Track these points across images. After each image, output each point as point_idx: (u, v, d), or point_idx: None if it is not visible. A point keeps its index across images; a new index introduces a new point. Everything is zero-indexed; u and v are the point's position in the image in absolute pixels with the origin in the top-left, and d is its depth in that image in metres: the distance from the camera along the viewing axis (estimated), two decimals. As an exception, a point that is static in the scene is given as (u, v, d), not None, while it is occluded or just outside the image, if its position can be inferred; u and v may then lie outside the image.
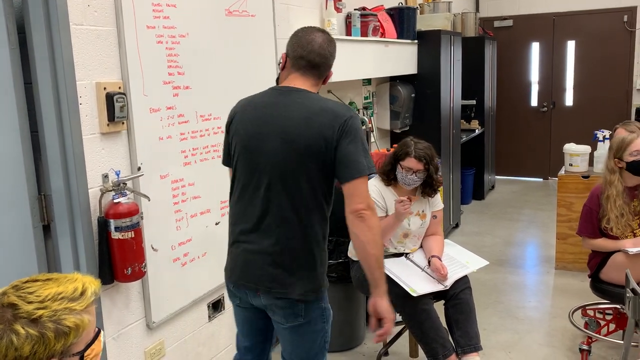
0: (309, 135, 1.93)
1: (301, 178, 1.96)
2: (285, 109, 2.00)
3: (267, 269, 2.02)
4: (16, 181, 2.13)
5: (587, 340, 3.25)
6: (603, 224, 3.13)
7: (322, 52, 2.05)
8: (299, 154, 1.94)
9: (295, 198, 1.98)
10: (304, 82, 2.05)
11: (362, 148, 1.96)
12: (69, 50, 2.13)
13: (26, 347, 1.10)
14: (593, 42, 7.39)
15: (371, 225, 1.95)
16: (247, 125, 2.07)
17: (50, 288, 1.15)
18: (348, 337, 3.52)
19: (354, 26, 4.18)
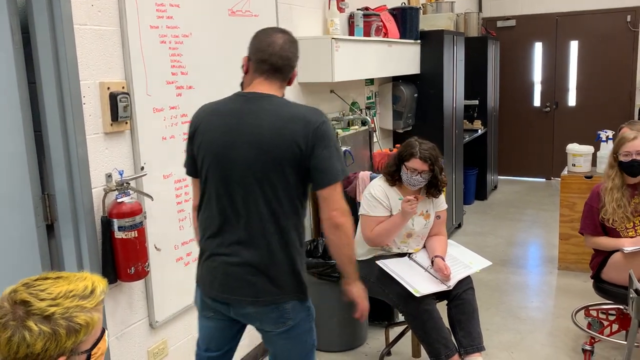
0: (281, 143, 1.89)
1: (277, 186, 1.93)
2: (254, 116, 1.94)
3: (251, 280, 1.97)
4: (20, 181, 2.13)
5: (590, 341, 3.24)
6: (601, 214, 3.16)
7: (284, 54, 1.99)
8: (273, 162, 1.91)
9: (273, 206, 1.94)
10: (269, 86, 2.00)
11: (336, 153, 1.95)
12: (72, 50, 2.13)
13: (38, 344, 1.11)
14: (596, 42, 7.37)
15: (346, 230, 1.97)
16: (214, 135, 1.99)
17: (62, 286, 1.17)
18: (350, 337, 3.52)
19: (357, 26, 4.18)
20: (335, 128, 3.94)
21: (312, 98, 3.87)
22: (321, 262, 3.36)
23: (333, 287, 3.38)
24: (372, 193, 3.06)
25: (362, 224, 3.09)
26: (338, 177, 1.94)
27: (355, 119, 4.28)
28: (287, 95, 3.55)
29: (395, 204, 3.04)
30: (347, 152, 3.91)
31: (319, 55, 3.61)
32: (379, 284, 2.99)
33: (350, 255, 2.05)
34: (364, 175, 3.60)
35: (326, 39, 3.62)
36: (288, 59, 2.01)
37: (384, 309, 3.68)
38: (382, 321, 3.73)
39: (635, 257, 3.00)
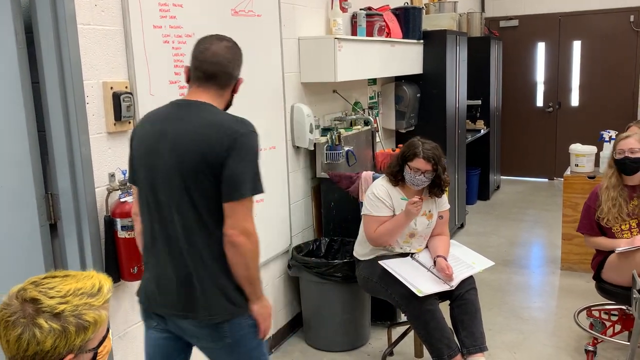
0: (197, 150, 1.82)
1: (195, 196, 1.84)
2: (179, 123, 1.88)
3: (180, 293, 1.91)
4: (23, 180, 2.14)
5: (592, 342, 3.24)
6: (597, 213, 3.16)
7: (216, 61, 1.91)
8: (190, 171, 1.83)
9: (195, 217, 1.86)
10: (203, 94, 1.93)
11: (251, 168, 1.83)
12: (76, 49, 2.14)
13: (48, 341, 1.11)
14: (599, 42, 7.36)
15: (243, 251, 1.84)
16: (143, 141, 1.95)
17: (70, 284, 1.18)
18: (353, 336, 3.52)
19: (360, 26, 4.18)
20: (338, 128, 3.94)
21: (315, 98, 3.87)
22: (323, 262, 3.37)
23: (335, 287, 3.38)
24: (375, 193, 3.06)
25: (365, 224, 3.10)
26: (246, 193, 1.81)
27: (357, 119, 4.28)
28: (291, 96, 3.60)
29: (398, 203, 3.04)
30: (349, 152, 3.91)
31: (322, 55, 3.61)
32: (381, 283, 2.99)
33: (247, 276, 1.89)
34: (366, 175, 3.60)
35: (329, 38, 3.62)
36: (221, 65, 1.92)
37: (386, 309, 3.68)
38: (385, 321, 3.73)
39: (629, 258, 3.00)
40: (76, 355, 1.15)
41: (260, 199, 3.25)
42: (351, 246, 3.34)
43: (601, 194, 3.18)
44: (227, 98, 2.00)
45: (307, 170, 3.85)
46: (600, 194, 3.18)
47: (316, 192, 3.93)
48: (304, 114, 3.57)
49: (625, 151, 3.12)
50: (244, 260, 1.85)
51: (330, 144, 3.76)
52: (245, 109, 3.12)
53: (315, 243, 3.71)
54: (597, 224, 3.20)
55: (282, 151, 3.51)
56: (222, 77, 1.94)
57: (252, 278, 1.91)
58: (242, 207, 1.83)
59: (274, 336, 3.55)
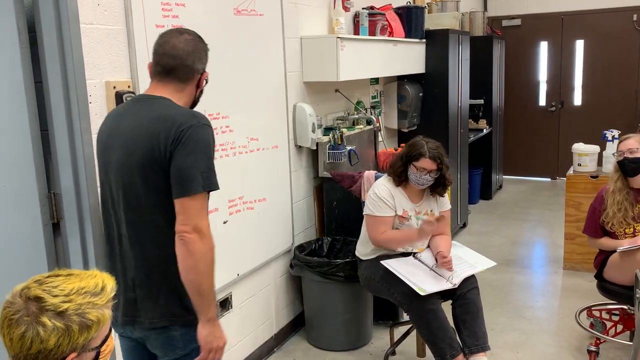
0: (146, 145, 1.74)
1: (146, 192, 1.77)
2: (132, 118, 1.83)
3: (131, 297, 1.84)
4: (26, 179, 2.14)
5: (595, 342, 3.23)
6: (602, 217, 3.16)
7: (175, 54, 1.83)
8: (136, 166, 1.76)
9: (145, 214, 1.78)
10: (162, 89, 1.85)
11: (202, 162, 1.73)
12: (78, 49, 2.14)
13: (52, 340, 1.12)
14: (602, 41, 7.35)
15: (193, 250, 1.70)
16: (101, 137, 1.92)
17: (73, 283, 1.18)
18: (355, 336, 3.52)
19: (362, 25, 4.18)
20: (340, 127, 3.94)
21: (317, 97, 3.87)
22: (325, 262, 3.37)
23: (338, 287, 3.38)
24: (377, 193, 3.06)
25: (368, 225, 3.09)
26: (197, 187, 1.71)
27: (360, 118, 4.28)
28: (294, 95, 3.60)
29: (400, 203, 3.04)
30: (352, 151, 3.91)
31: (324, 54, 3.61)
32: (383, 283, 2.99)
33: (196, 283, 1.73)
34: (368, 175, 3.60)
35: (331, 38, 3.62)
36: (180, 58, 1.83)
37: (388, 308, 3.68)
38: (387, 321, 3.73)
39: (631, 257, 2.99)
40: (79, 354, 1.15)
41: (262, 198, 3.26)
42: (353, 246, 3.34)
43: (607, 197, 3.17)
44: (191, 93, 1.91)
45: (309, 170, 3.85)
46: (606, 197, 3.17)
47: (318, 191, 3.93)
48: (306, 113, 3.57)
49: (624, 152, 3.11)
50: (193, 262, 1.71)
51: (333, 144, 3.76)
52: (248, 108, 3.13)
53: (318, 242, 3.71)
54: (601, 227, 3.19)
55: (284, 150, 3.51)
56: (181, 71, 1.85)
57: (202, 287, 1.74)
58: (193, 203, 1.71)
59: (276, 335, 3.55)
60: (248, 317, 3.28)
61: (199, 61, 1.88)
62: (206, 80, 1.95)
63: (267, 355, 3.46)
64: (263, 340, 3.44)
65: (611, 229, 3.15)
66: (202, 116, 1.81)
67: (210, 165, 1.76)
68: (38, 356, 1.12)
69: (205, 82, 1.95)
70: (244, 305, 3.24)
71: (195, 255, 1.71)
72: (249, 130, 3.14)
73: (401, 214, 3.03)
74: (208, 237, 1.74)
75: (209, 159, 1.76)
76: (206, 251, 1.73)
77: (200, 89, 1.95)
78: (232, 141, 2.99)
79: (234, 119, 3.00)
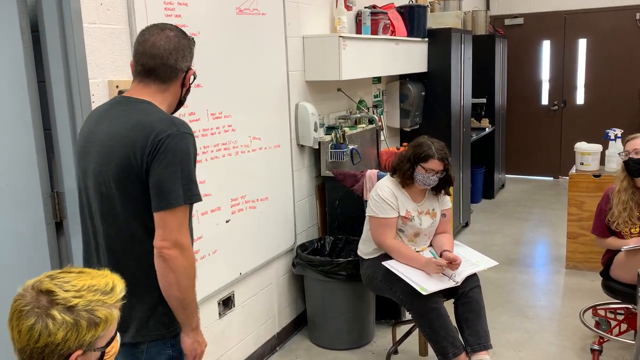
0: (122, 155, 1.65)
1: (123, 203, 1.67)
2: (109, 123, 1.72)
3: None
4: (29, 179, 2.15)
5: (598, 341, 3.23)
6: (608, 217, 3.16)
7: (155, 53, 1.72)
8: (113, 175, 1.67)
9: (121, 226, 1.69)
10: (143, 90, 1.75)
11: (181, 173, 1.63)
12: (81, 48, 2.15)
13: (60, 334, 1.12)
14: (605, 40, 7.33)
15: (174, 266, 1.64)
16: (79, 142, 1.82)
17: (85, 280, 1.19)
18: (357, 335, 3.52)
19: (364, 24, 4.18)
20: (343, 126, 3.94)
21: (320, 96, 3.88)
22: (328, 261, 3.37)
23: (340, 286, 3.38)
24: (380, 194, 3.05)
25: (372, 226, 3.09)
26: (176, 201, 1.62)
27: (362, 117, 4.28)
28: (296, 94, 3.60)
29: (403, 204, 3.04)
30: (354, 151, 3.92)
31: (326, 53, 3.61)
32: (386, 282, 2.99)
33: (179, 297, 1.68)
34: (371, 174, 3.60)
35: (333, 37, 3.62)
36: (161, 57, 1.72)
37: (391, 307, 3.68)
38: (389, 319, 3.73)
39: (637, 256, 2.99)
40: (84, 352, 1.16)
41: (264, 197, 3.26)
42: (355, 244, 3.34)
43: (612, 196, 3.16)
44: (175, 93, 1.80)
45: (311, 169, 3.86)
46: (612, 196, 3.17)
47: (321, 190, 3.93)
48: (308, 112, 3.58)
49: (630, 152, 3.11)
50: (175, 278, 1.64)
51: (335, 143, 3.76)
52: (250, 107, 3.13)
53: (320, 241, 3.71)
54: (607, 227, 3.19)
55: (286, 150, 3.52)
56: (162, 71, 1.74)
57: (186, 301, 1.69)
58: (173, 217, 1.63)
59: (278, 334, 3.55)
60: (250, 316, 3.29)
61: (182, 59, 1.77)
62: (194, 76, 1.84)
63: (269, 354, 3.47)
64: (265, 339, 3.44)
65: (617, 229, 3.14)
66: (182, 123, 1.70)
67: (191, 177, 1.67)
68: (45, 350, 1.13)
69: (193, 79, 1.85)
70: (247, 304, 3.25)
71: (176, 271, 1.64)
72: (251, 129, 3.14)
73: (404, 214, 3.03)
74: (189, 252, 1.67)
75: (189, 169, 1.66)
76: (188, 267, 1.67)
77: (187, 88, 1.84)
78: (234, 140, 3.00)
79: (236, 118, 3.00)
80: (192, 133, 1.71)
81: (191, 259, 1.68)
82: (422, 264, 2.92)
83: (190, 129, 1.72)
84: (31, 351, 1.14)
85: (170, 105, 1.81)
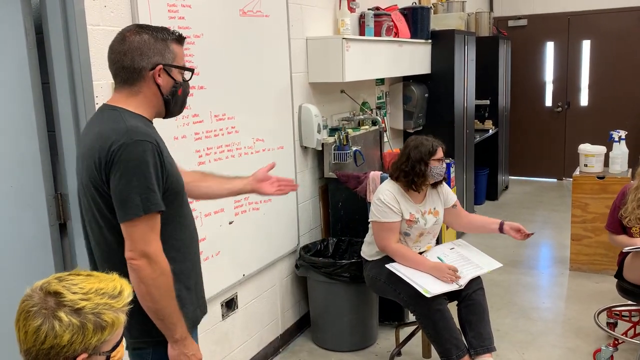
0: (88, 165, 1.64)
1: (96, 212, 1.67)
2: (87, 132, 1.74)
3: None
4: (33, 180, 2.15)
5: (613, 342, 3.20)
6: (621, 212, 3.16)
7: (112, 57, 1.71)
8: (86, 185, 1.67)
9: (97, 235, 1.70)
10: (117, 96, 1.73)
11: (137, 182, 1.58)
12: (85, 50, 2.15)
13: (66, 336, 1.12)
14: (609, 41, 7.32)
15: (143, 277, 1.61)
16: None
17: (93, 283, 1.19)
18: (361, 337, 3.52)
19: (368, 26, 4.18)
20: (346, 128, 3.94)
21: (323, 98, 3.88)
22: (331, 262, 3.37)
23: (343, 287, 3.38)
24: (382, 199, 3.05)
25: (375, 231, 3.09)
26: (135, 212, 1.58)
27: (365, 119, 4.28)
28: (299, 96, 3.60)
29: (405, 207, 3.03)
30: (357, 152, 3.91)
31: (330, 55, 3.61)
32: (389, 283, 2.98)
33: (154, 309, 1.65)
34: (374, 175, 3.60)
35: (337, 39, 3.62)
36: (117, 61, 1.69)
37: (394, 309, 3.68)
38: (393, 321, 3.73)
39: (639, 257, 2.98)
40: (89, 355, 1.16)
41: (267, 199, 3.26)
42: (359, 246, 3.34)
43: (629, 192, 3.17)
44: (152, 95, 1.73)
45: (314, 171, 3.86)
46: (629, 192, 3.17)
47: (324, 192, 3.93)
48: (311, 114, 3.58)
49: None
50: (145, 289, 1.61)
51: (338, 144, 3.76)
52: (253, 109, 3.14)
53: (323, 243, 3.71)
54: (620, 223, 3.18)
55: (289, 151, 3.52)
56: (122, 74, 1.70)
57: (161, 313, 1.65)
58: (135, 228, 1.60)
59: (281, 336, 3.55)
60: (253, 318, 3.29)
61: (140, 58, 1.68)
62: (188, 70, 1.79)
63: (272, 355, 3.47)
64: (268, 340, 3.44)
65: (627, 224, 3.13)
66: (137, 131, 1.62)
67: (148, 185, 1.60)
68: (50, 352, 1.13)
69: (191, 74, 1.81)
70: (250, 305, 3.25)
71: (145, 282, 1.61)
72: (254, 131, 3.14)
73: (408, 217, 3.02)
74: (158, 262, 1.62)
75: (145, 178, 1.59)
76: (157, 277, 1.62)
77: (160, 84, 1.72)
78: (237, 142, 3.00)
79: (240, 120, 3.01)
80: (152, 140, 1.63)
81: (160, 269, 1.63)
82: (429, 268, 2.91)
83: (150, 135, 1.64)
84: (37, 352, 1.14)
85: (154, 107, 1.75)
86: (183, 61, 1.79)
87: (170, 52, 1.73)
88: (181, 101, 1.83)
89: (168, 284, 1.65)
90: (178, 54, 1.76)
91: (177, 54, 1.76)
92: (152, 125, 1.76)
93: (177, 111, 1.84)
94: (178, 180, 1.75)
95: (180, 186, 1.76)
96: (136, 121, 1.67)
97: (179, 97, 1.80)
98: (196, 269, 1.89)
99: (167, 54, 1.72)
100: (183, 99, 1.83)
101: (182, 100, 1.83)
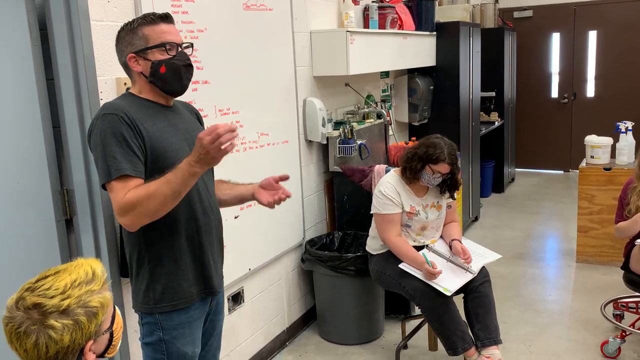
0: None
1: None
2: None
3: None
4: (39, 176, 2.16)
5: (621, 334, 3.19)
6: (625, 212, 3.14)
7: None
8: None
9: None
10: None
11: (102, 152, 1.75)
12: (89, 46, 2.15)
13: (65, 338, 1.13)
14: (615, 32, 7.26)
15: (132, 225, 1.77)
16: None
17: (64, 279, 1.19)
18: (367, 330, 3.53)
19: (372, 18, 4.16)
20: (351, 121, 3.93)
21: (327, 91, 3.87)
22: (337, 256, 3.37)
23: (349, 281, 3.38)
24: (383, 191, 3.05)
25: (377, 223, 3.09)
26: (105, 178, 1.76)
27: (370, 112, 4.27)
28: (304, 89, 3.59)
29: (406, 200, 3.03)
30: (362, 146, 3.91)
31: (334, 48, 3.60)
32: (394, 277, 2.98)
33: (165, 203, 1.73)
34: (379, 169, 3.60)
35: (341, 32, 3.61)
36: (118, 52, 1.92)
37: (400, 302, 3.68)
38: (399, 314, 3.73)
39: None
40: (95, 340, 1.19)
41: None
42: (364, 240, 3.34)
43: (630, 194, 3.14)
44: (140, 79, 1.89)
45: (319, 164, 3.86)
46: (630, 193, 3.14)
47: (329, 185, 3.93)
48: (316, 107, 3.57)
49: None
50: (149, 218, 1.76)
51: (343, 138, 3.76)
52: (258, 103, 3.13)
53: (329, 237, 3.71)
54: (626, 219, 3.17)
55: (294, 145, 3.51)
56: (124, 64, 1.91)
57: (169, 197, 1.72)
58: (111, 193, 1.77)
59: (287, 329, 3.56)
60: (260, 312, 3.30)
61: (120, 54, 1.91)
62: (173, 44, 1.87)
63: (279, 349, 3.48)
64: (275, 334, 3.45)
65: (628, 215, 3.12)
66: (107, 106, 1.82)
67: (110, 152, 1.74)
68: (57, 356, 1.15)
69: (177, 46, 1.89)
70: (256, 299, 3.26)
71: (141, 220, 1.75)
72: (259, 125, 3.14)
73: (409, 210, 3.03)
74: (132, 204, 1.71)
75: (106, 145, 1.75)
76: (142, 212, 1.72)
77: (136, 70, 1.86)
78: (242, 136, 3.00)
79: (244, 114, 3.01)
80: (119, 112, 1.77)
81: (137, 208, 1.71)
82: (420, 264, 2.91)
83: (118, 108, 1.79)
84: None
85: (150, 90, 1.90)
86: (162, 39, 1.86)
87: (140, 37, 1.85)
88: (171, 76, 1.87)
89: (149, 197, 1.71)
90: (151, 35, 1.85)
91: (150, 36, 1.85)
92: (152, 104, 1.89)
93: (175, 86, 1.90)
94: (166, 155, 1.83)
95: (168, 161, 1.81)
96: (120, 99, 1.89)
97: (165, 74, 1.86)
98: (194, 250, 1.95)
99: (136, 40, 1.85)
100: (173, 73, 1.87)
101: (172, 75, 1.88)
